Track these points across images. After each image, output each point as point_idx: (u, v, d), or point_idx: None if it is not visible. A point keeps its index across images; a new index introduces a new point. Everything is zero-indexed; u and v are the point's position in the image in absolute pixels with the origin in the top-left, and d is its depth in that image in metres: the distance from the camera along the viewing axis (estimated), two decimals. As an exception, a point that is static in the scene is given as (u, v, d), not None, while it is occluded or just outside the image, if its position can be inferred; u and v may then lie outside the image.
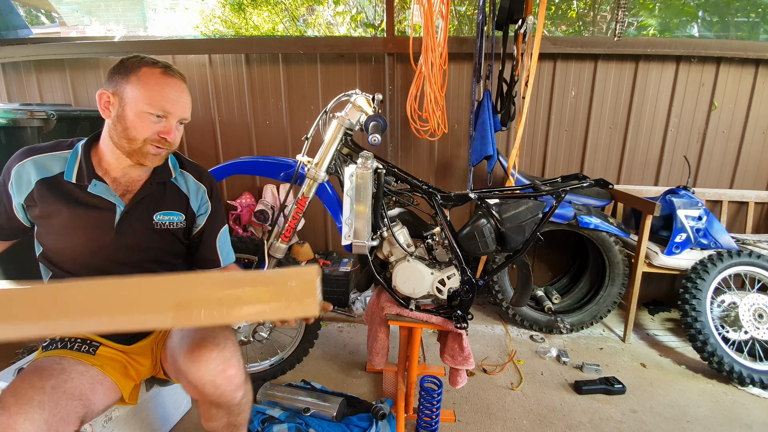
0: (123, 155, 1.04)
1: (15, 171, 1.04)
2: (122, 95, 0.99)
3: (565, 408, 1.73)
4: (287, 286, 0.83)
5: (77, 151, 1.07)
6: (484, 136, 2.16)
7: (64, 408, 0.88)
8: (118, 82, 1.00)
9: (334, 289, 2.50)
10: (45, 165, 1.05)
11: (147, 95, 0.98)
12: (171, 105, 1.00)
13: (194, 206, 1.19)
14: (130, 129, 0.99)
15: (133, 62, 1.00)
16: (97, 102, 1.02)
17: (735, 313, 1.96)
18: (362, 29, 5.06)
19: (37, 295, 0.79)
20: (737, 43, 2.48)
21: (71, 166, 1.05)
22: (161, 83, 0.99)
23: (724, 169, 2.62)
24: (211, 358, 0.99)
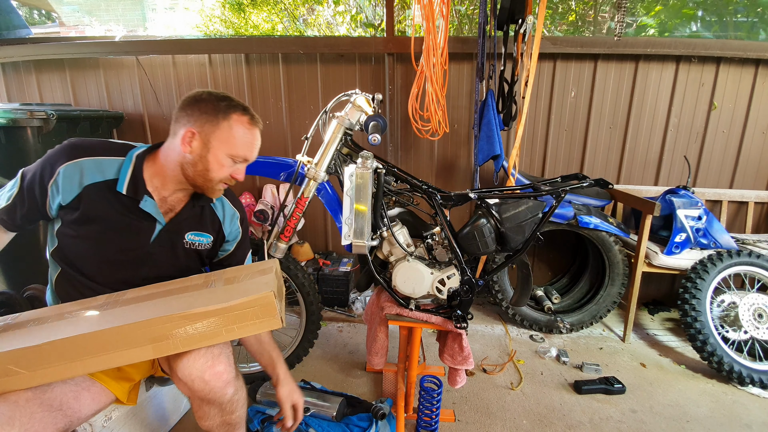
0: (187, 184, 1.08)
1: (63, 170, 1.01)
2: (208, 138, 1.03)
3: (565, 408, 1.73)
4: (249, 311, 0.95)
5: (131, 160, 1.06)
6: (490, 136, 2.16)
7: (39, 421, 0.85)
8: (205, 122, 1.02)
9: (334, 289, 2.50)
10: (98, 168, 1.03)
11: (234, 144, 1.04)
12: (251, 153, 1.09)
13: (226, 231, 1.24)
14: (211, 171, 1.05)
15: (223, 106, 1.03)
16: (181, 137, 1.03)
17: (735, 312, 1.96)
18: (362, 29, 5.06)
19: (22, 354, 0.84)
20: (737, 43, 2.48)
21: (124, 176, 1.04)
22: (249, 134, 1.06)
23: (723, 169, 2.63)
24: (199, 355, 1.00)
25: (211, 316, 0.93)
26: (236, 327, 0.95)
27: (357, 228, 1.38)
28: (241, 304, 0.94)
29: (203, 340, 0.94)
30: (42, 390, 0.90)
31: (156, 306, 0.95)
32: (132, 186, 1.04)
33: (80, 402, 0.97)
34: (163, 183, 1.09)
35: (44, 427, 0.86)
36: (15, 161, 1.97)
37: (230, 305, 0.93)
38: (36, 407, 0.86)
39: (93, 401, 1.01)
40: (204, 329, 0.93)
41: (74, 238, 1.05)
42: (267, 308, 0.95)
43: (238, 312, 0.94)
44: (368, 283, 1.67)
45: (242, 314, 0.94)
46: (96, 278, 1.08)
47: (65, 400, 0.94)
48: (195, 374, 0.99)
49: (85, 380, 1.01)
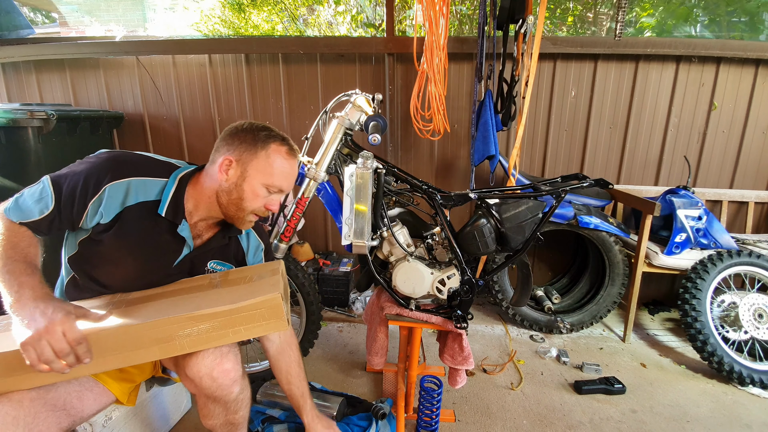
0: (219, 212, 1.07)
1: (110, 189, 0.97)
2: (245, 166, 1.02)
3: (565, 408, 1.73)
4: (255, 313, 0.95)
5: (174, 182, 1.04)
6: (486, 136, 2.16)
7: (43, 421, 0.86)
8: (244, 151, 1.02)
9: (334, 289, 2.50)
10: (143, 189, 1.01)
11: (271, 174, 1.03)
12: (287, 184, 1.07)
13: (249, 261, 1.24)
14: (245, 200, 1.04)
15: (263, 135, 1.04)
16: (218, 165, 1.03)
17: (735, 313, 1.96)
18: (363, 29, 5.06)
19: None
20: (737, 43, 2.48)
21: (166, 199, 1.02)
22: (287, 164, 1.05)
23: (724, 169, 2.62)
24: (207, 352, 1.00)
25: (217, 318, 0.92)
26: (243, 329, 0.95)
27: (357, 228, 1.38)
28: (247, 306, 0.94)
29: (209, 342, 0.94)
30: (46, 390, 0.90)
31: (162, 307, 0.95)
32: (172, 209, 1.03)
33: (83, 402, 0.98)
34: (196, 208, 1.08)
35: (48, 426, 0.86)
36: (15, 161, 1.98)
37: (237, 307, 0.93)
38: (40, 407, 0.87)
39: (95, 401, 1.01)
40: (210, 331, 0.93)
41: (98, 251, 1.03)
42: (274, 310, 0.95)
43: (245, 314, 0.94)
44: (368, 283, 1.67)
45: (249, 316, 0.94)
46: (110, 291, 1.07)
47: (69, 399, 0.94)
48: (203, 372, 1.00)
49: (89, 380, 1.01)
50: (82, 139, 2.35)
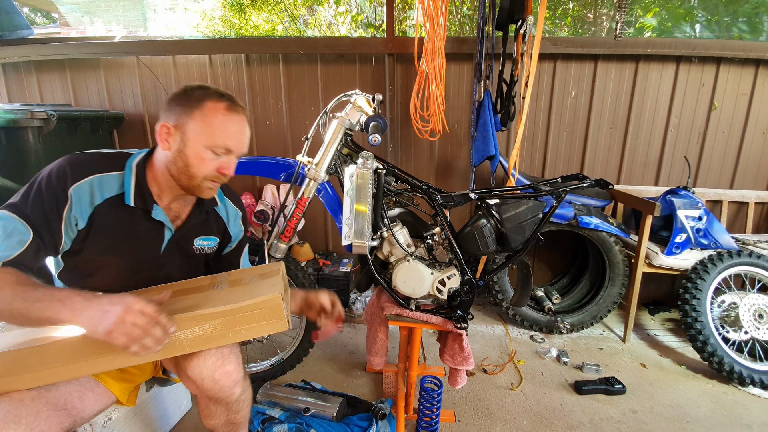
0: (178, 185, 1.03)
1: (74, 192, 0.93)
2: (184, 130, 0.97)
3: (565, 408, 1.73)
4: (256, 313, 0.94)
5: (131, 171, 1.01)
6: (485, 137, 2.16)
7: (45, 420, 0.85)
8: (180, 114, 0.97)
9: (334, 290, 2.50)
10: (105, 186, 0.98)
11: (211, 133, 0.96)
12: (234, 143, 1.00)
13: (231, 231, 1.24)
14: (191, 166, 0.98)
15: (197, 94, 0.98)
16: (157, 133, 0.99)
17: (735, 313, 1.96)
18: (363, 30, 5.06)
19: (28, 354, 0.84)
20: (737, 43, 2.48)
21: (129, 189, 1.00)
22: (225, 120, 0.98)
23: (724, 169, 2.62)
24: (209, 354, 0.99)
25: (218, 318, 0.92)
26: (243, 329, 0.95)
27: (357, 228, 1.38)
28: (248, 306, 0.93)
29: (210, 342, 0.94)
30: (47, 389, 0.89)
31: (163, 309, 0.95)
32: (139, 197, 1.01)
33: (84, 402, 0.97)
34: (161, 189, 1.05)
35: (50, 426, 0.85)
36: (15, 162, 1.98)
37: (238, 307, 0.93)
38: (42, 406, 0.86)
39: (96, 402, 1.01)
40: (210, 331, 0.93)
41: (84, 260, 1.01)
42: (274, 310, 0.95)
43: (246, 314, 0.94)
44: (368, 283, 1.67)
45: (249, 316, 0.94)
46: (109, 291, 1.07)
47: (70, 399, 0.93)
48: (205, 373, 0.99)
49: (89, 380, 1.01)
50: (83, 139, 2.35)
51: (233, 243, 1.27)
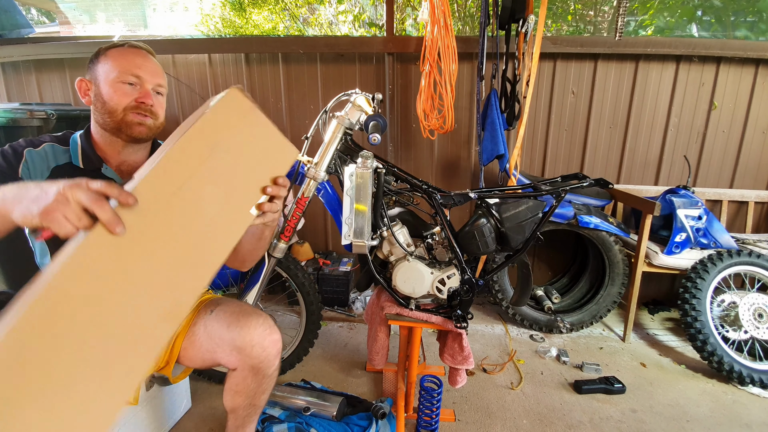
0: (113, 136, 1.07)
1: (28, 155, 1.02)
2: (95, 76, 1.05)
3: (565, 407, 1.73)
4: (222, 117, 0.72)
5: (75, 140, 1.09)
6: (494, 136, 2.15)
7: None
8: (91, 68, 1.06)
9: (334, 289, 2.50)
10: (59, 154, 1.06)
11: (115, 66, 1.02)
12: (139, 69, 1.04)
13: None
14: (108, 102, 1.02)
15: (101, 49, 1.07)
16: (78, 93, 1.07)
17: (735, 312, 1.96)
18: (365, 29, 5.06)
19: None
20: (737, 42, 2.48)
21: (75, 153, 1.07)
22: (127, 54, 1.05)
23: (724, 169, 2.62)
24: (258, 323, 1.08)
25: (192, 142, 0.69)
26: (222, 141, 0.71)
27: (357, 228, 1.38)
28: (210, 113, 0.71)
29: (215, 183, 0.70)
30: None
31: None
32: (86, 158, 1.07)
33: None
34: (105, 151, 1.10)
35: None
36: (15, 161, 1.97)
37: (202, 120, 0.70)
38: None
39: None
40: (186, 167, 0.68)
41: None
42: (238, 102, 0.74)
43: (215, 123, 0.71)
44: (368, 282, 1.67)
45: (219, 123, 0.72)
46: None
47: None
48: (256, 340, 1.06)
49: None
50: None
51: None
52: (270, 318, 1.13)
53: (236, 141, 0.74)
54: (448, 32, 2.10)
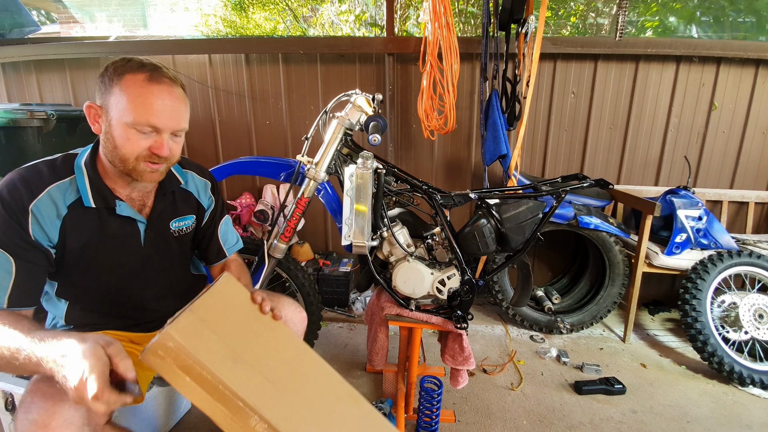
0: (123, 173, 0.95)
1: (34, 209, 0.88)
2: (107, 108, 0.89)
3: (565, 408, 1.73)
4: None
5: (81, 171, 0.95)
6: (496, 136, 2.16)
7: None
8: (104, 92, 0.90)
9: (334, 290, 2.50)
10: (64, 194, 0.93)
11: (130, 108, 0.86)
12: (157, 118, 0.88)
13: (204, 203, 1.20)
14: (119, 148, 0.90)
15: (117, 67, 0.89)
16: (87, 118, 0.92)
17: (735, 313, 1.96)
18: (366, 29, 5.05)
19: None
20: (738, 43, 2.48)
21: (84, 190, 0.94)
22: (146, 93, 0.87)
23: (724, 169, 2.62)
24: (289, 302, 1.17)
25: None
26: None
27: (357, 228, 1.38)
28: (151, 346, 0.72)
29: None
30: None
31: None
32: (98, 196, 0.96)
33: None
34: (114, 182, 0.98)
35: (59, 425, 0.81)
36: (15, 161, 1.97)
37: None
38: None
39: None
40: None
41: (71, 273, 0.99)
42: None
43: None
44: (368, 283, 1.67)
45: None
46: (105, 303, 1.06)
47: None
48: (289, 316, 1.14)
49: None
50: (82, 139, 2.34)
51: (206, 216, 1.21)
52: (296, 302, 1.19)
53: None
54: (450, 32, 2.09)
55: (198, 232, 1.22)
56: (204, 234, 1.23)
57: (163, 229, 1.10)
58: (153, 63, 0.92)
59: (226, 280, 0.93)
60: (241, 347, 0.80)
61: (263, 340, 0.88)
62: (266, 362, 0.82)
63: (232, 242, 1.29)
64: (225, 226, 1.27)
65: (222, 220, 1.26)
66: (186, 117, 0.96)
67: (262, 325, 0.92)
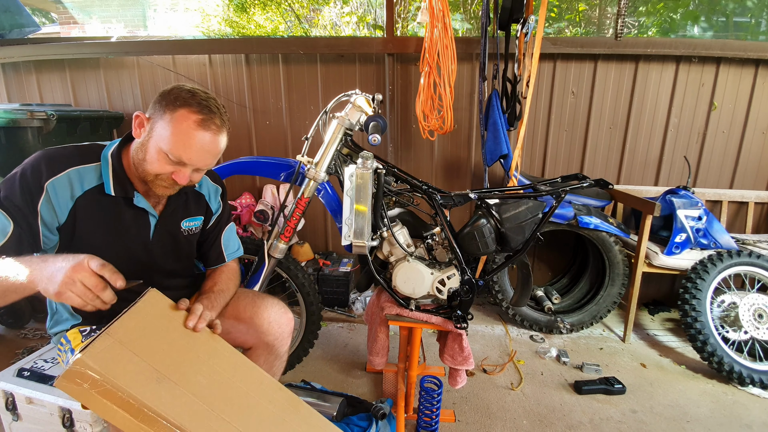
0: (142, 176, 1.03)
1: (50, 187, 0.94)
2: (153, 125, 0.96)
3: (565, 408, 1.73)
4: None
5: (107, 161, 1.02)
6: (497, 136, 2.15)
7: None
8: (157, 110, 0.96)
9: (334, 290, 2.50)
10: (85, 178, 1.00)
11: (171, 139, 0.93)
12: (190, 157, 0.95)
13: (212, 207, 1.24)
14: (146, 162, 0.97)
15: (179, 98, 0.95)
16: (133, 120, 0.99)
17: (735, 313, 1.96)
18: (369, 29, 5.05)
19: None
20: (737, 43, 2.48)
21: (107, 179, 1.01)
22: (191, 134, 0.94)
23: (724, 169, 2.62)
24: (274, 303, 1.21)
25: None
26: None
27: (357, 228, 1.38)
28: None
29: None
30: None
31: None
32: (119, 185, 1.02)
33: None
34: (136, 177, 1.05)
35: None
36: (15, 162, 1.97)
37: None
38: None
39: None
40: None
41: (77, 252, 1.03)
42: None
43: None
44: (368, 283, 1.67)
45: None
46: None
47: None
48: (273, 317, 1.18)
49: None
50: (82, 139, 2.34)
51: (212, 219, 1.26)
52: (282, 302, 1.21)
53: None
54: (446, 33, 2.10)
55: (202, 234, 1.25)
56: (207, 237, 1.26)
57: (173, 226, 1.14)
58: (211, 106, 0.96)
59: (150, 297, 0.91)
60: (166, 366, 0.79)
61: (192, 356, 0.87)
62: (196, 378, 0.83)
63: (233, 249, 1.31)
64: (229, 232, 1.31)
65: (227, 226, 1.31)
66: (215, 160, 1.03)
67: (192, 340, 0.90)
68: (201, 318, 0.95)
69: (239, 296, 1.23)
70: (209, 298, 1.09)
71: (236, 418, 0.82)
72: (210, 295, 1.11)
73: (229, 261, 1.31)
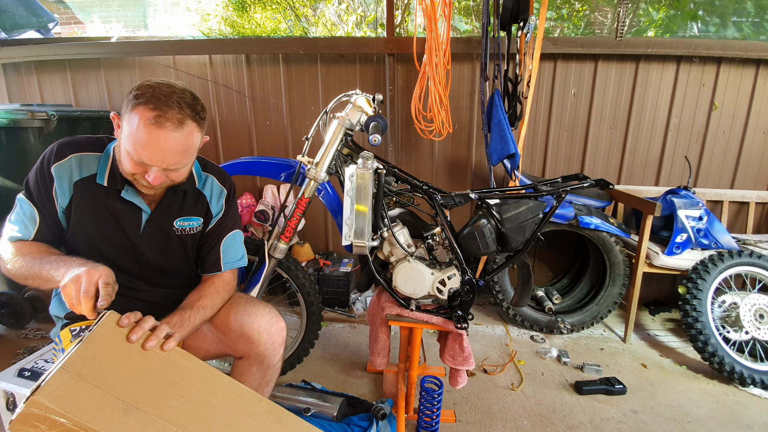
0: None
1: (55, 171, 1.01)
2: (122, 125, 0.95)
3: (566, 408, 1.73)
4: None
5: (109, 153, 1.06)
6: (503, 136, 2.13)
7: None
8: (125, 109, 0.94)
9: (334, 290, 2.50)
10: (82, 165, 1.04)
11: (130, 140, 0.92)
12: (150, 159, 0.92)
13: (213, 210, 1.19)
14: (122, 162, 0.98)
15: (138, 93, 0.92)
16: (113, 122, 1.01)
17: (736, 313, 1.95)
18: (370, 28, 5.05)
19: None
20: (738, 43, 2.48)
21: (103, 169, 1.04)
22: (144, 133, 0.90)
23: (724, 170, 2.62)
24: (265, 311, 1.13)
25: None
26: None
27: (357, 228, 1.38)
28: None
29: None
30: None
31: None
32: (111, 177, 1.04)
33: None
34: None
35: None
36: (15, 162, 1.98)
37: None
38: None
39: None
40: None
41: (70, 241, 1.07)
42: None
43: None
44: (369, 283, 1.67)
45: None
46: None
47: None
48: (263, 327, 1.11)
49: None
50: (83, 139, 2.35)
51: (212, 222, 1.20)
52: (275, 309, 1.16)
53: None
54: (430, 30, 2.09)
55: (201, 236, 1.20)
56: (206, 240, 1.21)
57: (165, 224, 1.12)
58: (170, 101, 0.92)
59: (107, 320, 0.82)
60: (132, 394, 0.75)
61: (161, 379, 0.81)
62: (167, 403, 0.78)
63: (232, 258, 1.22)
64: (231, 239, 1.23)
65: (231, 233, 1.23)
66: (183, 157, 0.97)
67: (160, 361, 0.83)
68: (154, 335, 0.84)
69: (230, 303, 1.17)
70: (182, 315, 1.01)
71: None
72: (184, 313, 1.02)
73: (225, 271, 1.21)
